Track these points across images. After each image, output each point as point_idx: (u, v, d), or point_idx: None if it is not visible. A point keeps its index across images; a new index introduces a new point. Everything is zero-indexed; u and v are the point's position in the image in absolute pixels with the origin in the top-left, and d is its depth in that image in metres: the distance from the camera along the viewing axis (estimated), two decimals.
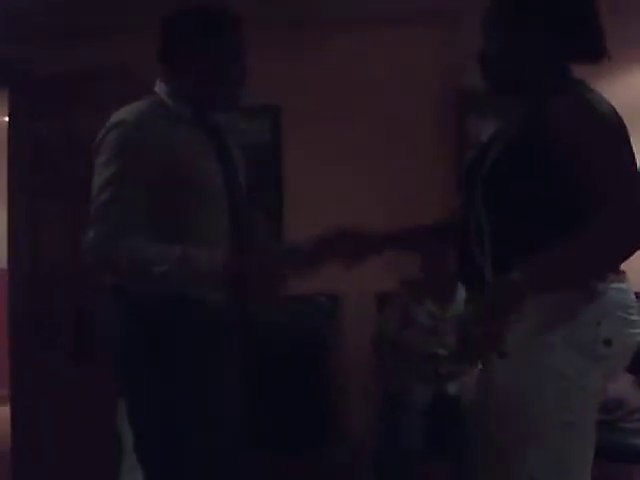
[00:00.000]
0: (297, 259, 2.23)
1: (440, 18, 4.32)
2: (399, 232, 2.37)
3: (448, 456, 3.55)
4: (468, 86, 4.18)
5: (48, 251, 4.65)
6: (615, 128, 1.84)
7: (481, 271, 1.95)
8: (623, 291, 1.93)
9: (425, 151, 4.39)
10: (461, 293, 3.85)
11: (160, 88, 2.32)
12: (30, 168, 4.68)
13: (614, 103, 1.89)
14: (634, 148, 1.85)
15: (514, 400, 1.89)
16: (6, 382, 4.55)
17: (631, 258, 1.81)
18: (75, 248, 4.62)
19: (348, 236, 2.28)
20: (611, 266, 1.88)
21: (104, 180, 2.13)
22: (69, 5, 4.21)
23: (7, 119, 4.73)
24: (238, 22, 2.32)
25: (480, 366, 2.08)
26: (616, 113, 1.86)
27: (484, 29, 2.07)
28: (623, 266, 1.93)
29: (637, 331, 1.94)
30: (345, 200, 4.32)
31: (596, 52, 1.97)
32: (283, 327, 3.80)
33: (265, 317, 2.33)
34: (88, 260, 2.13)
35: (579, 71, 2.01)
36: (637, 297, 1.98)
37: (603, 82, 2.42)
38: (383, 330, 3.94)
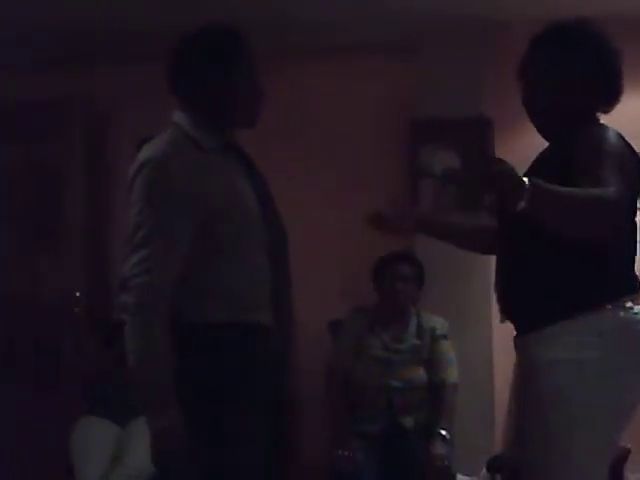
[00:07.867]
0: None
1: (396, 51, 4.42)
2: None
3: None
4: (422, 117, 4.30)
5: (4, 280, 4.65)
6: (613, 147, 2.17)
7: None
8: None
9: (379, 182, 4.45)
10: (413, 324, 3.93)
11: (180, 118, 2.27)
12: None
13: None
14: None
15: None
16: None
17: None
18: (33, 277, 4.65)
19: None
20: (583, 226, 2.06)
21: (135, 222, 2.13)
22: (36, 36, 4.24)
23: None
24: (246, 40, 2.31)
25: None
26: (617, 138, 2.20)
27: (533, 84, 2.33)
28: None
29: None
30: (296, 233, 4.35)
31: (611, 104, 2.34)
32: None
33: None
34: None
35: None
36: None
37: None
38: (337, 365, 3.94)
